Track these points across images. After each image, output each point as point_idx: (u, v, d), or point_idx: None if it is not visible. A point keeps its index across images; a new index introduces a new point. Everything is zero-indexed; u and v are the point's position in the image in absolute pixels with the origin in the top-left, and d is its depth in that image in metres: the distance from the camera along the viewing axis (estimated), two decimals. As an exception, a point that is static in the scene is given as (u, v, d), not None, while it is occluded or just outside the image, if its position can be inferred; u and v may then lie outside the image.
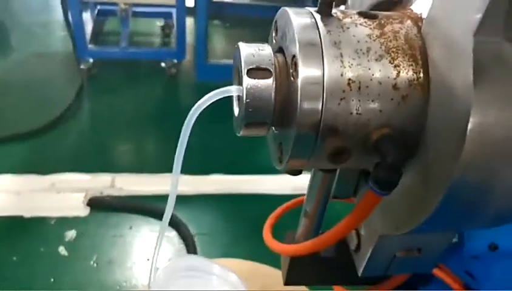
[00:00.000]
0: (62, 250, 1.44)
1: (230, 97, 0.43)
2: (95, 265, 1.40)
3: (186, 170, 1.64)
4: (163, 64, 2.45)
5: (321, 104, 0.35)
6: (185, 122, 0.43)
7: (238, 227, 1.57)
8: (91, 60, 2.38)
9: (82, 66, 2.36)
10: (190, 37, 2.62)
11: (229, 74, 0.42)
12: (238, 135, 0.42)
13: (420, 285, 0.68)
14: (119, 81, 2.44)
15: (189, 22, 2.49)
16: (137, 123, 2.11)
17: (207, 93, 0.42)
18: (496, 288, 0.59)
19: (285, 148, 0.39)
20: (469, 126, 0.30)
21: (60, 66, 2.50)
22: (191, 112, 0.42)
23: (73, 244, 1.46)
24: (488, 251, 0.53)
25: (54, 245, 1.45)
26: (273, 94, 0.37)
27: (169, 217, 0.51)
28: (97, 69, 2.42)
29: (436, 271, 0.66)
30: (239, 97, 0.40)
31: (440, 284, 0.66)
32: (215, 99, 0.42)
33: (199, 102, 0.42)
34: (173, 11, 2.57)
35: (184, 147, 0.46)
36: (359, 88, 0.35)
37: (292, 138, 0.37)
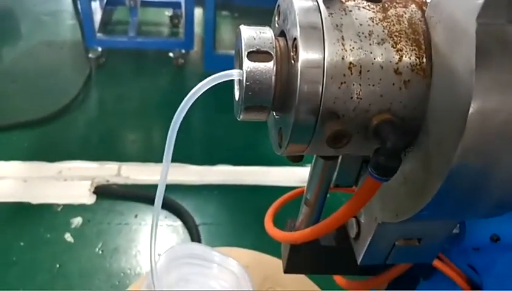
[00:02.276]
0: (68, 237, 1.46)
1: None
2: (101, 252, 1.42)
3: (192, 160, 1.66)
4: (171, 54, 2.45)
5: (321, 88, 0.34)
6: (184, 101, 0.43)
7: (242, 218, 1.57)
8: (99, 49, 2.38)
9: (90, 55, 2.37)
10: (198, 28, 2.61)
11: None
12: (238, 119, 0.42)
13: (422, 278, 0.68)
14: (127, 70, 2.45)
15: (197, 12, 2.48)
16: (144, 113, 2.12)
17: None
18: (498, 281, 0.58)
19: (285, 132, 0.39)
20: (470, 110, 0.29)
21: (69, 55, 2.51)
22: (190, 93, 0.42)
23: (79, 231, 1.48)
24: (489, 242, 0.52)
25: (60, 232, 1.47)
26: (273, 77, 0.37)
27: (161, 200, 0.51)
28: (106, 58, 2.43)
29: (438, 264, 0.65)
30: (239, 81, 0.40)
31: (442, 278, 0.66)
32: (215, 83, 0.41)
33: (200, 84, 0.42)
34: (182, 1, 2.56)
35: (178, 126, 0.45)
36: (360, 72, 0.34)
37: (291, 122, 0.36)
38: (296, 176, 1.75)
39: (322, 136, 0.35)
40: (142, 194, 1.60)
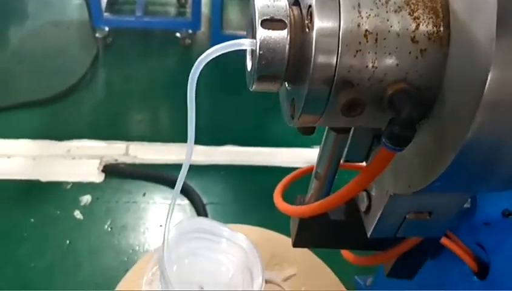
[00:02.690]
0: (77, 214, 1.48)
1: (243, 72, 0.41)
2: (109, 229, 1.44)
3: (200, 140, 1.66)
4: (178, 34, 2.43)
5: (336, 56, 0.34)
6: (193, 67, 0.42)
7: (249, 197, 1.58)
8: (106, 28, 2.37)
9: (97, 35, 2.36)
10: (205, 8, 2.58)
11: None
12: (251, 90, 0.41)
13: (429, 257, 0.68)
14: (134, 50, 2.44)
15: (205, -9, 2.45)
16: (151, 93, 2.12)
17: (223, 64, 0.41)
18: (507, 259, 0.59)
19: (298, 103, 0.39)
20: (488, 80, 0.29)
21: (76, 35, 2.50)
22: (196, 63, 0.41)
23: (88, 209, 1.50)
24: (501, 218, 0.52)
25: (70, 209, 1.49)
26: (287, 46, 0.36)
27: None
28: (113, 38, 2.41)
29: (446, 242, 0.65)
30: (252, 52, 0.39)
31: (450, 257, 0.66)
32: (225, 51, 0.40)
33: (210, 50, 0.41)
34: (189, -20, 2.53)
35: (194, 95, 0.44)
36: (376, 40, 0.34)
37: (304, 92, 0.36)
38: (303, 157, 1.75)
39: (336, 106, 0.35)
40: (150, 174, 1.62)
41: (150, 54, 2.41)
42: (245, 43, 0.39)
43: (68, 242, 1.39)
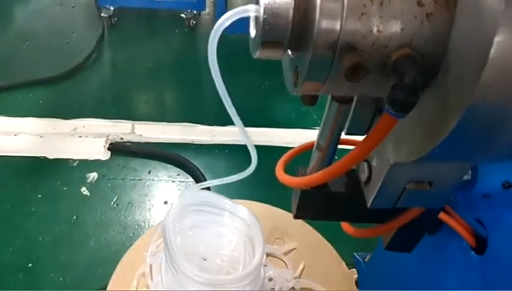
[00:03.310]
0: (84, 190, 1.50)
1: (246, 53, 0.41)
2: (115, 205, 1.47)
3: (204, 120, 1.67)
4: (183, 15, 2.42)
5: (340, 20, 0.34)
6: (209, 48, 0.42)
7: (252, 176, 1.59)
8: (112, 8, 2.36)
9: (102, 14, 2.35)
10: (210, -12, 2.55)
11: (248, 27, 0.41)
12: (254, 57, 0.42)
13: (428, 233, 0.69)
14: (140, 30, 2.43)
15: (210, -28, 2.42)
16: (156, 73, 2.12)
17: (225, 45, 0.41)
18: (505, 234, 0.59)
19: (301, 70, 0.39)
20: (494, 43, 0.28)
21: (81, 14, 2.50)
22: (211, 36, 0.42)
23: (95, 185, 1.52)
24: (501, 189, 0.52)
25: (76, 186, 1.51)
26: (291, 11, 0.36)
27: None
28: (118, 17, 2.40)
29: (445, 218, 0.66)
30: (256, 18, 0.40)
31: (448, 232, 0.67)
32: (234, 19, 0.41)
33: (218, 22, 0.41)
34: (195, -40, 2.49)
35: (218, 72, 0.45)
36: (381, 3, 0.33)
37: (308, 58, 0.36)
38: (305, 137, 1.75)
39: (339, 70, 0.35)
40: (155, 152, 1.63)
41: (155, 34, 2.40)
42: (251, 9, 0.39)
43: (75, 217, 1.42)
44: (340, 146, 0.53)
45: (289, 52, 0.42)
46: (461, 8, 0.33)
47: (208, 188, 1.47)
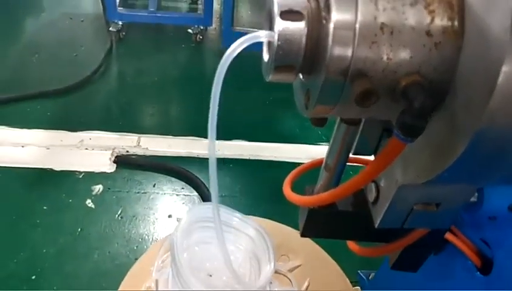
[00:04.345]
0: (89, 203, 1.51)
1: (253, 69, 0.42)
2: (120, 218, 1.47)
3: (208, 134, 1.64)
4: (190, 30, 2.46)
5: (352, 47, 0.35)
6: (218, 69, 0.44)
7: (257, 191, 1.61)
8: (120, 23, 2.40)
9: (111, 29, 2.39)
10: (216, 5, 2.60)
11: (254, 43, 0.42)
12: (267, 80, 0.43)
13: (433, 253, 0.69)
14: (147, 45, 2.47)
15: (216, -12, 2.47)
16: (163, 87, 2.15)
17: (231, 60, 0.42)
18: (511, 255, 0.59)
19: (312, 93, 0.40)
20: (502, 71, 0.29)
21: (90, 28, 2.54)
22: (223, 60, 0.43)
23: (100, 198, 1.53)
24: (507, 212, 0.53)
25: (81, 198, 1.52)
26: (304, 37, 0.38)
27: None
28: (126, 32, 2.45)
29: (450, 238, 0.66)
30: (269, 43, 0.41)
31: (454, 252, 0.67)
32: (245, 45, 0.42)
33: (231, 48, 0.42)
34: (202, -24, 2.54)
35: (218, 97, 0.46)
36: (391, 32, 0.35)
37: (320, 82, 0.37)
38: (310, 153, 1.77)
39: (350, 96, 0.36)
40: (161, 165, 1.64)
41: (162, 48, 2.44)
42: (263, 35, 0.41)
43: (80, 229, 1.42)
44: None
45: (301, 75, 0.43)
46: (468, 38, 0.34)
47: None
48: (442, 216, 0.47)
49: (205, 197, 1.53)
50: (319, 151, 1.77)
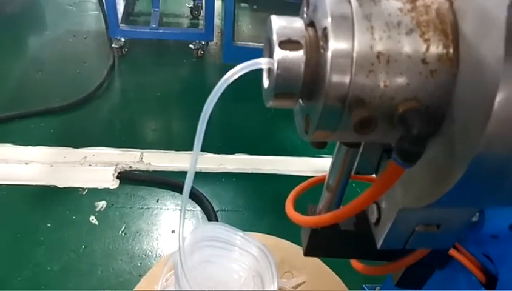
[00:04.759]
0: (93, 219, 1.52)
1: (253, 82, 0.44)
2: (123, 234, 1.47)
3: (210, 148, 1.70)
4: (191, 46, 2.49)
5: (349, 76, 0.36)
6: (212, 94, 0.45)
7: (260, 204, 1.61)
8: (122, 39, 2.43)
9: (113, 45, 2.42)
10: (217, 19, 2.63)
11: (254, 57, 0.43)
12: (267, 106, 0.44)
13: (437, 268, 0.69)
14: (149, 61, 2.49)
15: (217, 4, 2.50)
16: (165, 102, 2.17)
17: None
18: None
19: (312, 119, 0.41)
20: (497, 98, 0.30)
21: (93, 45, 2.57)
22: (220, 82, 0.44)
23: (103, 214, 1.54)
24: (508, 231, 0.53)
25: (85, 214, 1.53)
26: (303, 66, 0.39)
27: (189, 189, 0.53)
28: (128, 48, 2.48)
29: (454, 253, 0.66)
30: (269, 70, 0.42)
31: (458, 268, 0.67)
32: (245, 72, 0.43)
33: (229, 73, 0.43)
34: (203, -8, 2.58)
35: (207, 117, 0.47)
36: (388, 61, 0.35)
37: (319, 109, 0.38)
38: (312, 166, 1.77)
39: (349, 123, 0.37)
40: (164, 180, 1.65)
41: (164, 64, 2.46)
42: (263, 63, 0.41)
43: (83, 246, 1.42)
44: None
45: (300, 100, 0.44)
46: (463, 65, 0.35)
47: (216, 218, 1.49)
48: (444, 236, 0.48)
49: (208, 212, 1.53)
50: (321, 164, 1.78)
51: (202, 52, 2.49)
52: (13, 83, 2.21)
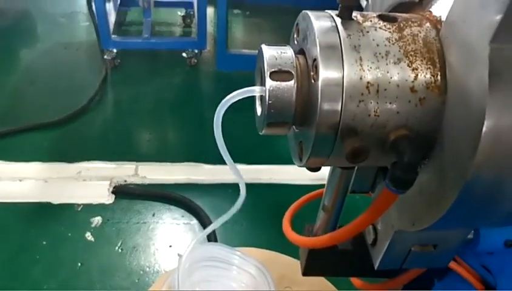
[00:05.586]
0: (88, 236, 1.50)
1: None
2: (120, 250, 1.46)
3: (206, 159, 1.68)
4: (184, 54, 2.48)
5: (340, 106, 0.36)
6: (215, 120, 0.46)
7: (258, 215, 1.60)
8: (114, 50, 2.42)
9: (105, 57, 2.41)
10: (210, 27, 2.63)
11: (249, 64, 0.44)
12: (261, 134, 0.44)
13: (436, 278, 0.69)
14: (142, 71, 2.48)
15: (209, 11, 2.50)
16: (159, 113, 2.16)
17: (226, 82, 0.44)
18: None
19: (305, 146, 0.41)
20: (484, 128, 0.31)
21: (85, 57, 2.56)
22: (217, 111, 0.45)
23: (99, 230, 1.52)
24: (503, 248, 0.53)
25: (81, 231, 1.51)
26: (294, 95, 0.39)
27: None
28: (121, 59, 2.47)
29: (452, 265, 0.66)
30: (261, 97, 0.42)
31: (456, 278, 0.67)
32: (238, 98, 0.44)
33: (224, 101, 0.44)
34: (194, 0, 2.58)
35: (222, 141, 0.48)
36: (377, 91, 0.36)
37: (312, 137, 0.38)
38: (310, 174, 1.76)
39: (342, 151, 0.37)
40: (160, 194, 1.64)
41: (157, 74, 2.45)
42: (257, 90, 0.42)
43: (79, 264, 1.41)
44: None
45: (294, 127, 0.44)
46: (451, 93, 0.36)
47: (214, 234, 1.48)
48: (440, 255, 0.48)
49: (205, 224, 1.52)
50: (319, 173, 1.77)
51: (195, 60, 2.49)
52: (5, 96, 2.19)
